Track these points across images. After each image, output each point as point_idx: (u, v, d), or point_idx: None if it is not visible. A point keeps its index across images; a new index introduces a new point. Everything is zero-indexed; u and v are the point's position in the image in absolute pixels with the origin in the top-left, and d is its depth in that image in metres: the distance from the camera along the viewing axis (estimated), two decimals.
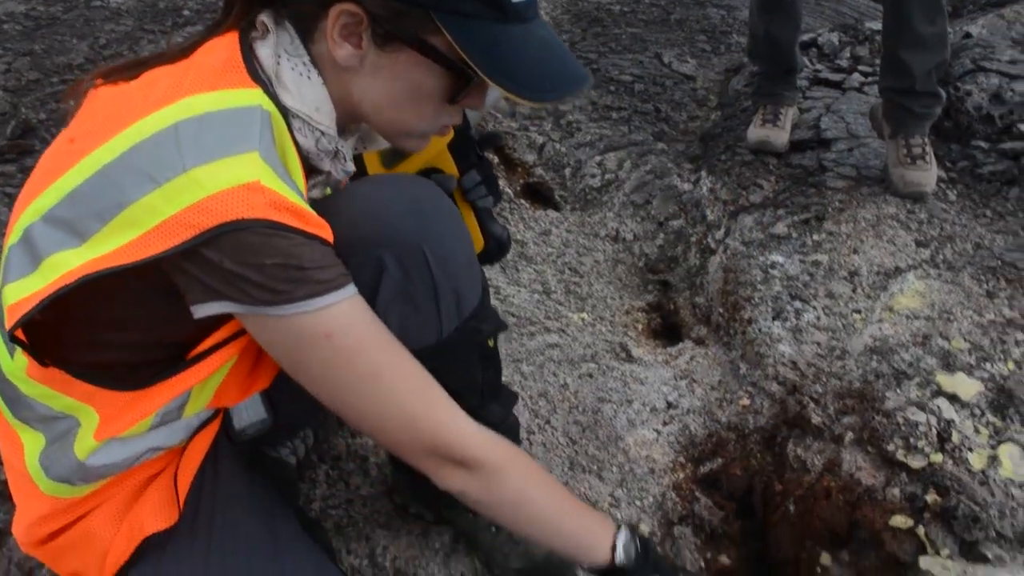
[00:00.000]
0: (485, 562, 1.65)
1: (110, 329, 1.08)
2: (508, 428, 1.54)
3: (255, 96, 1.03)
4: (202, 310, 1.00)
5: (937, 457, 1.67)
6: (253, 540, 1.26)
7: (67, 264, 0.95)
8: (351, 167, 1.23)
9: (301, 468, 1.81)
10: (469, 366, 1.34)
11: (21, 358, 1.08)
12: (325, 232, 1.04)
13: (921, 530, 1.56)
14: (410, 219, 1.15)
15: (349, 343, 1.05)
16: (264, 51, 1.08)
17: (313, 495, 1.78)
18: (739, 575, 1.81)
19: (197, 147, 0.94)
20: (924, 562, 1.52)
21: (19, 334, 1.00)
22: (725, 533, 1.85)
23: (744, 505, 1.92)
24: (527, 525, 1.27)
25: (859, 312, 2.16)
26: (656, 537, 1.82)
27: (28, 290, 0.97)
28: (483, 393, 1.40)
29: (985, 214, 2.60)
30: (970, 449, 1.69)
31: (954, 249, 2.38)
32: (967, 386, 1.82)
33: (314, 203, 1.07)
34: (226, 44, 1.08)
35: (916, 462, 1.67)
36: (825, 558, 1.66)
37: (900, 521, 1.59)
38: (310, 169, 1.19)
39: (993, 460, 1.67)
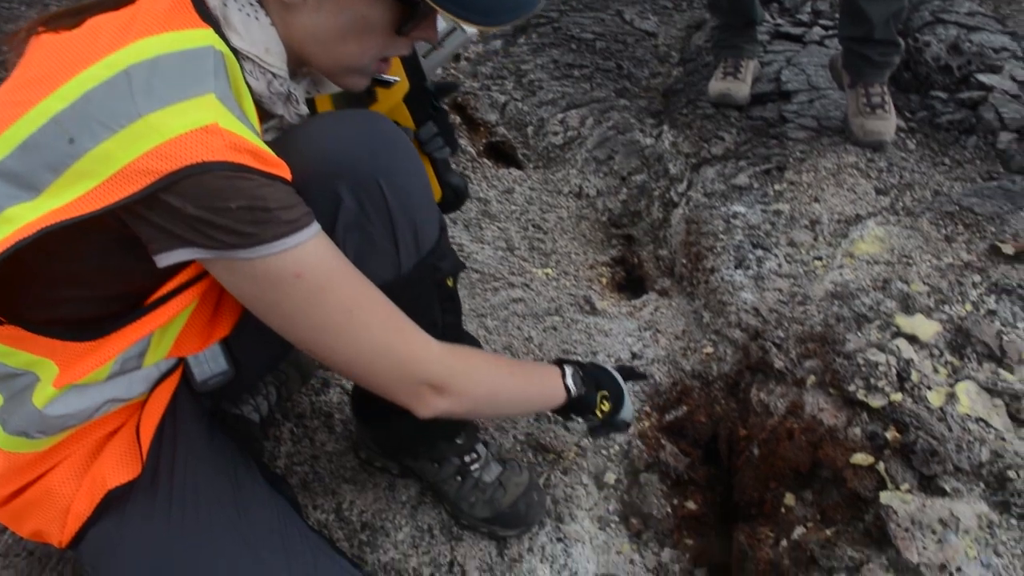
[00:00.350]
0: (452, 512, 1.66)
1: (69, 284, 1.06)
2: None
3: (207, 36, 1.01)
4: (167, 258, 0.98)
5: (897, 396, 1.69)
6: (216, 492, 1.25)
7: (22, 218, 0.93)
8: (304, 110, 1.21)
9: (265, 426, 1.79)
10: (429, 306, 1.33)
11: None
12: (285, 172, 1.02)
13: (881, 466, 1.58)
14: (364, 151, 1.14)
15: (319, 281, 1.04)
16: None
17: (278, 452, 1.77)
18: (706, 520, 1.83)
19: (151, 92, 0.92)
20: (884, 497, 1.54)
21: None
22: (691, 479, 1.87)
23: (710, 451, 1.94)
24: (505, 408, 1.49)
25: (820, 259, 2.17)
26: (623, 485, 1.83)
27: None
28: (444, 336, 1.39)
29: (944, 162, 2.62)
30: (929, 387, 1.71)
31: (913, 196, 2.40)
32: (926, 327, 1.84)
33: (269, 144, 1.05)
34: None
35: (876, 401, 1.68)
36: (789, 498, 1.68)
37: (861, 459, 1.61)
38: (263, 114, 1.17)
39: (951, 397, 1.69)
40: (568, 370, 1.48)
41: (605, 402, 1.53)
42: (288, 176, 1.02)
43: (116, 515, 1.19)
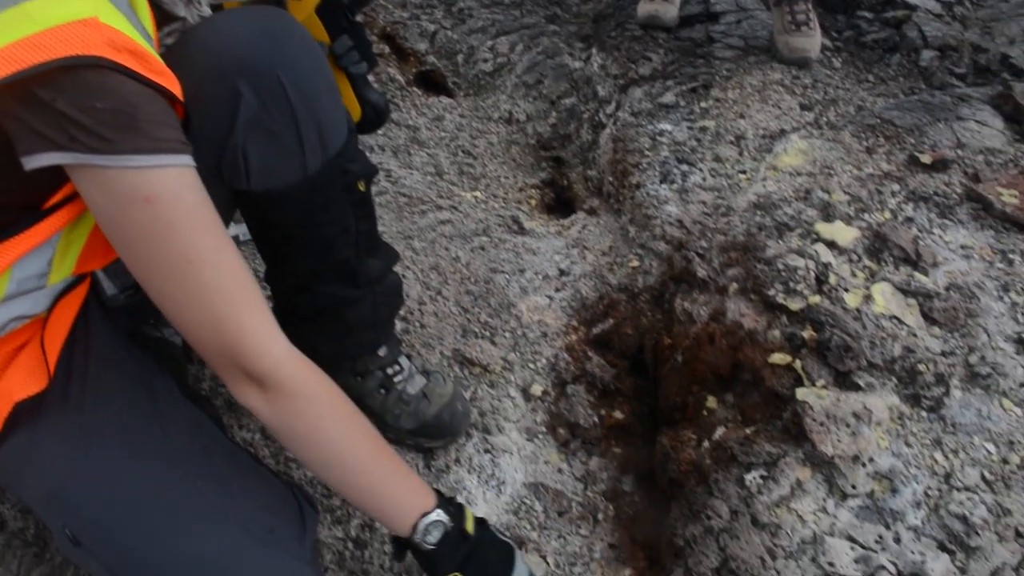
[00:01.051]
0: (377, 426, 1.64)
1: None
2: (389, 286, 1.52)
3: None
4: (32, 161, 0.93)
5: (815, 298, 1.72)
6: (131, 403, 1.22)
7: None
8: (207, 12, 1.17)
9: (189, 349, 1.76)
10: (341, 211, 1.31)
11: None
12: (170, 83, 0.98)
13: (798, 364, 1.62)
14: (262, 45, 1.11)
15: (170, 216, 0.97)
16: None
17: (203, 375, 1.74)
18: (633, 429, 1.86)
19: None
20: (801, 393, 1.58)
21: None
22: (618, 389, 1.89)
23: (636, 362, 1.96)
24: (320, 467, 1.19)
25: (744, 172, 2.19)
26: (550, 397, 1.84)
27: None
28: (358, 244, 1.38)
29: (868, 79, 2.65)
30: (846, 290, 1.74)
31: (837, 111, 2.42)
32: (845, 233, 1.87)
33: (168, 48, 1.01)
34: None
35: (795, 304, 1.71)
36: (711, 401, 1.71)
37: (779, 358, 1.64)
38: (165, 17, 1.13)
39: (867, 298, 1.73)
40: (435, 515, 1.23)
41: None
42: (174, 88, 0.98)
43: (27, 429, 1.16)
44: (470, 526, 1.27)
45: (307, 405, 1.11)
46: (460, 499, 1.60)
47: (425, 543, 1.22)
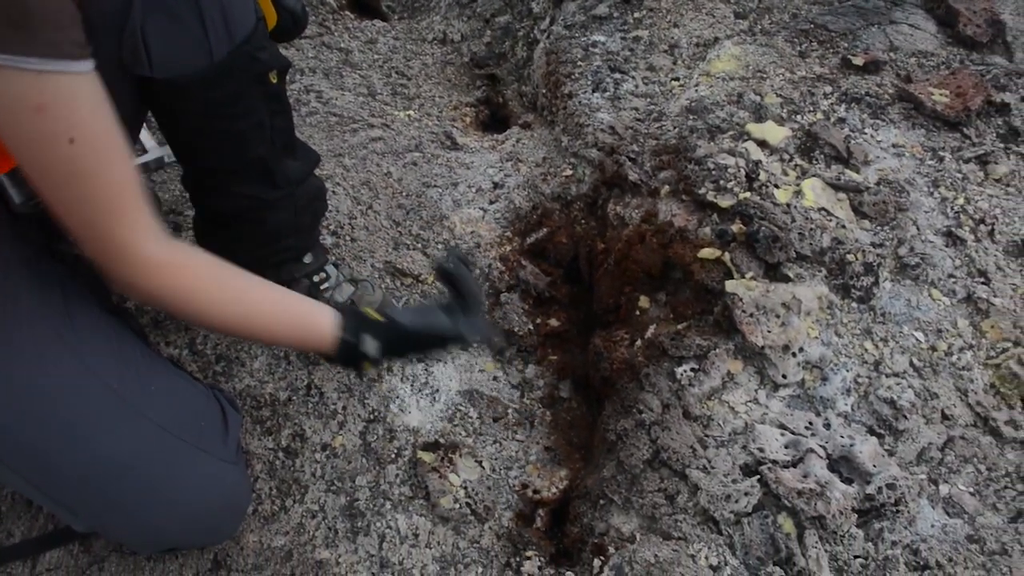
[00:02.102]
0: None
1: None
2: (310, 189, 1.49)
3: None
4: None
5: (745, 195, 1.71)
6: (41, 313, 1.18)
7: None
8: None
9: None
10: (252, 105, 1.27)
11: None
12: None
13: (727, 257, 1.61)
14: None
15: (58, 127, 0.95)
16: None
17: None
18: (569, 336, 1.85)
19: None
20: (730, 286, 1.57)
21: None
22: (553, 297, 1.88)
23: (571, 271, 1.94)
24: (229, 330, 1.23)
25: (677, 80, 2.17)
26: (483, 307, 1.83)
27: None
28: (273, 140, 1.33)
29: None
30: (776, 186, 1.73)
31: (771, 19, 2.40)
32: (775, 132, 1.86)
33: None
34: None
35: (725, 201, 1.70)
36: (644, 301, 1.70)
37: (708, 253, 1.63)
38: None
39: (797, 194, 1.72)
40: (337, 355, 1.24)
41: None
42: None
43: None
44: (371, 347, 1.23)
45: (171, 303, 1.11)
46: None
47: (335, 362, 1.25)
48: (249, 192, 1.39)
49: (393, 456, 1.54)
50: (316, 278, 1.58)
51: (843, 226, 1.67)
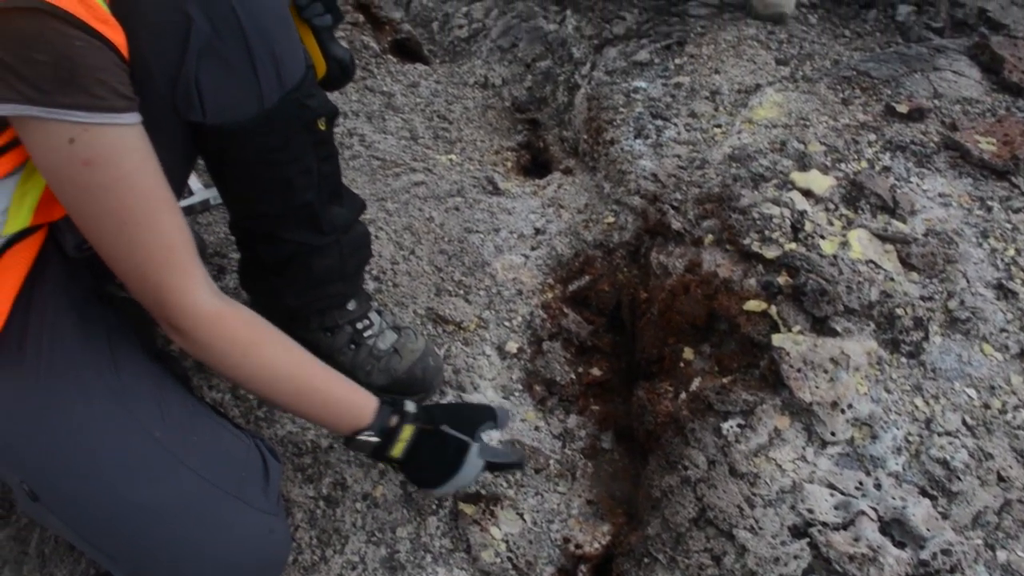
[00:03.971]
0: None
1: None
2: (356, 236, 1.50)
3: None
4: None
5: (791, 246, 1.69)
6: (89, 358, 1.20)
7: None
8: None
9: None
10: (302, 150, 1.28)
11: None
12: (113, 31, 0.96)
13: (774, 310, 1.59)
14: None
15: (105, 179, 0.99)
16: None
17: None
18: (611, 386, 1.83)
19: None
20: (777, 339, 1.55)
21: None
22: (595, 346, 1.87)
23: (614, 319, 1.93)
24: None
25: (720, 126, 2.16)
26: (525, 355, 1.82)
27: None
28: (321, 188, 1.35)
29: (844, 34, 2.62)
30: (822, 236, 1.72)
31: (813, 66, 2.39)
32: (821, 181, 1.84)
33: None
34: None
35: (771, 252, 1.69)
36: (688, 353, 1.69)
37: (754, 305, 1.61)
38: None
39: (843, 245, 1.70)
40: (367, 435, 1.29)
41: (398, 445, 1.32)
42: (119, 41, 0.97)
43: None
44: (399, 449, 1.31)
45: (222, 356, 1.16)
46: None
47: (361, 453, 1.36)
48: (296, 238, 1.41)
49: (434, 508, 1.53)
50: (359, 325, 1.58)
51: (891, 279, 1.64)
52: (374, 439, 1.29)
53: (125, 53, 0.99)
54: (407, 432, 1.32)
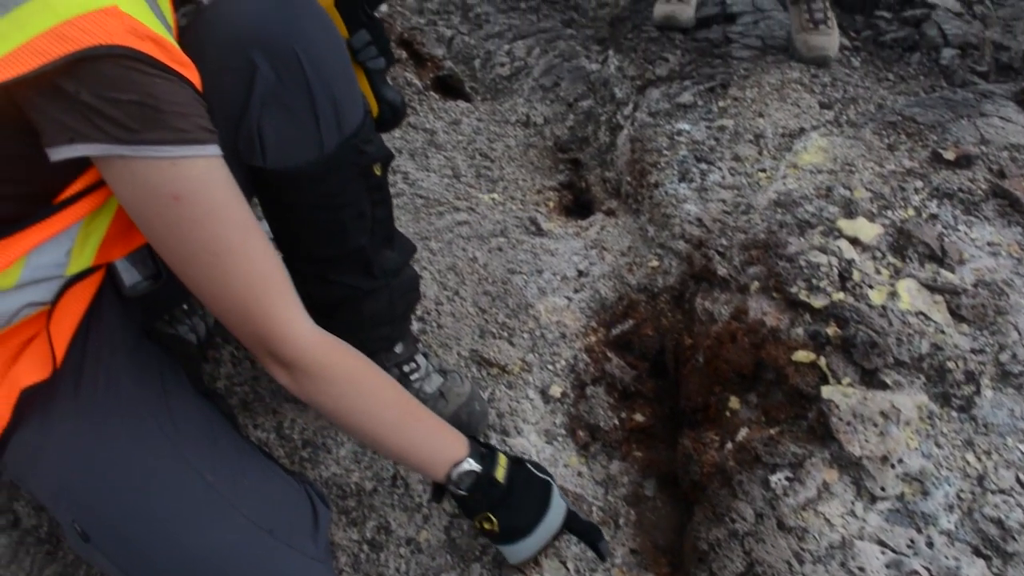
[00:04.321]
0: None
1: None
2: (406, 280, 1.51)
3: None
4: (58, 153, 0.94)
5: (839, 295, 1.68)
6: (143, 397, 1.21)
7: None
8: None
9: (204, 348, 1.75)
10: (357, 195, 1.30)
11: None
12: (189, 72, 0.98)
13: (823, 362, 1.58)
14: (278, 18, 1.11)
15: (196, 212, 1.00)
16: None
17: (218, 374, 1.73)
18: (655, 432, 1.82)
19: None
20: (826, 392, 1.54)
21: None
22: (639, 391, 1.86)
23: (657, 364, 1.92)
24: (351, 433, 1.30)
25: (764, 171, 2.16)
26: (569, 399, 1.81)
27: None
28: (374, 231, 1.36)
29: (888, 78, 2.61)
30: (870, 286, 1.70)
31: (857, 109, 2.39)
32: (868, 229, 1.83)
33: (185, 25, 1.01)
34: None
35: (818, 301, 1.68)
36: (734, 402, 1.68)
37: (803, 356, 1.60)
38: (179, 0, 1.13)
39: (892, 295, 1.69)
40: (469, 464, 1.29)
41: (488, 523, 1.34)
42: (194, 78, 0.99)
43: (38, 422, 1.16)
44: (501, 473, 1.31)
45: (329, 385, 1.16)
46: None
47: (458, 490, 1.29)
48: (347, 281, 1.42)
49: (478, 554, 1.52)
50: (406, 368, 1.59)
51: (941, 331, 1.63)
52: (476, 466, 1.28)
53: (201, 91, 1.02)
54: (503, 460, 1.33)
